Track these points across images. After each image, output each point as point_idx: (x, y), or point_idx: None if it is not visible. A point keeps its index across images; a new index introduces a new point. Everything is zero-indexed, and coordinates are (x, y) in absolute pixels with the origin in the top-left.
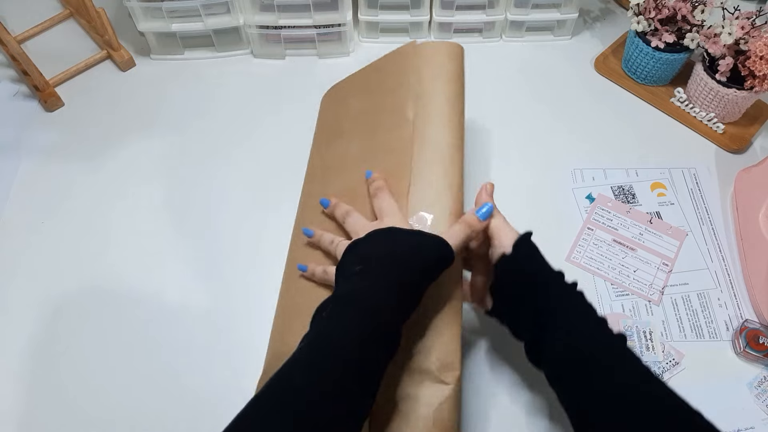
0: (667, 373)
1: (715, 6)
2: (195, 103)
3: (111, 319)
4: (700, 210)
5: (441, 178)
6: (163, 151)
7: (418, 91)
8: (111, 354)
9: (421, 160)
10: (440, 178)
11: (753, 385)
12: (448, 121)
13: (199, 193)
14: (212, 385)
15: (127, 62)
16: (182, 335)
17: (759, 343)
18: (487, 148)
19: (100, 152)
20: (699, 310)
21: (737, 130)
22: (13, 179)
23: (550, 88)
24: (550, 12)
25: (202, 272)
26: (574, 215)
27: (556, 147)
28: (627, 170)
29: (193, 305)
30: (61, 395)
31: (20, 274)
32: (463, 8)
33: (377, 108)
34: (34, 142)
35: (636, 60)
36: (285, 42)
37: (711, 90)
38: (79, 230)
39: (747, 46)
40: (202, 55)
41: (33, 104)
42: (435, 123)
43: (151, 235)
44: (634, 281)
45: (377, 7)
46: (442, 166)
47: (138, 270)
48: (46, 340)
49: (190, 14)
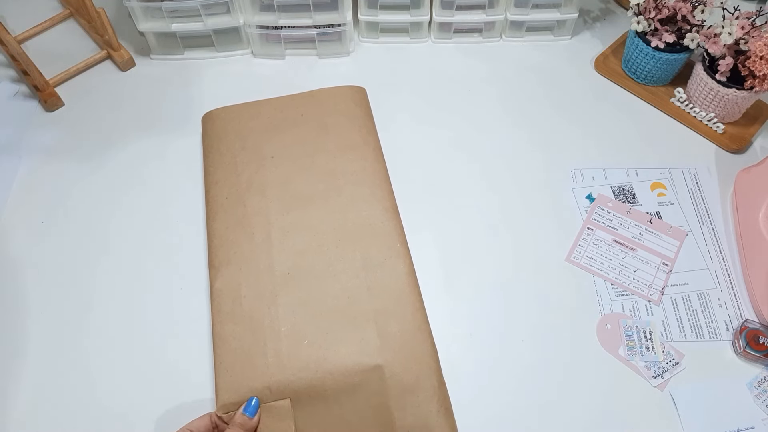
0: (667, 373)
1: (715, 6)
2: (195, 103)
3: (111, 319)
4: (700, 210)
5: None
6: (163, 151)
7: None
8: (111, 353)
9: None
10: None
11: (753, 385)
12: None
13: (201, 192)
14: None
15: (127, 62)
16: (183, 335)
17: (759, 343)
18: (487, 148)
19: (100, 152)
20: (699, 310)
21: (737, 130)
22: (13, 179)
23: (550, 88)
24: (550, 12)
25: (202, 271)
26: (574, 215)
27: (556, 147)
28: (627, 170)
29: (194, 304)
30: (60, 395)
31: (20, 274)
32: (463, 8)
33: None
34: (34, 142)
35: (636, 60)
36: (285, 42)
37: (711, 90)
38: (79, 230)
39: (747, 46)
40: (202, 55)
41: (33, 104)
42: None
43: (151, 234)
44: (634, 281)
45: (377, 7)
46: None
47: (138, 270)
48: (46, 340)
49: (190, 14)
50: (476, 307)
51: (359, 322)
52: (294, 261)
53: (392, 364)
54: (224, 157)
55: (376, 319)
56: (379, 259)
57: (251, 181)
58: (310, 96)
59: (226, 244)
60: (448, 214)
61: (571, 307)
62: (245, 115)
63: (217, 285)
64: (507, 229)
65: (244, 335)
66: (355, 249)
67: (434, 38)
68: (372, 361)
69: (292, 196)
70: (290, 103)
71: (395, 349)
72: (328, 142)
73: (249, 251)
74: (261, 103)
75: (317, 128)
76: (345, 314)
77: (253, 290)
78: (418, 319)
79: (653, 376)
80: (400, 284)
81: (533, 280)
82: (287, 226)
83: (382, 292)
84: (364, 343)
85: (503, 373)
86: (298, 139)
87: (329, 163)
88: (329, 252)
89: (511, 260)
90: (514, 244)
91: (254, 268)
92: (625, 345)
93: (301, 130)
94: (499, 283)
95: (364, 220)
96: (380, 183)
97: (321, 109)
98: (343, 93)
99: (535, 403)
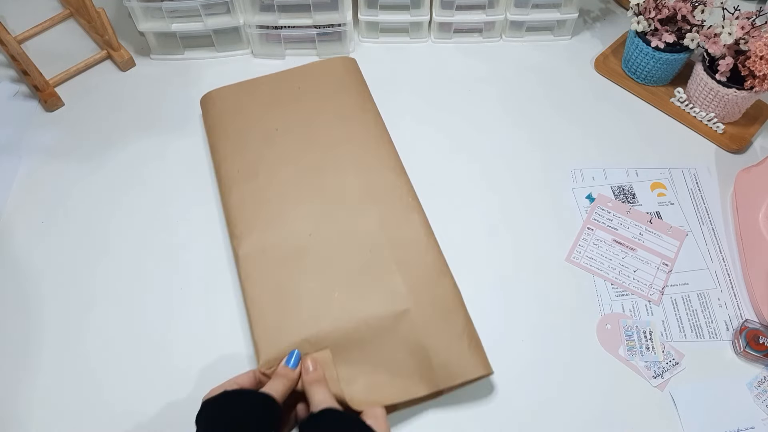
0: (667, 373)
1: (715, 6)
2: (195, 103)
3: (111, 319)
4: (700, 210)
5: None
6: (163, 151)
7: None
8: (112, 353)
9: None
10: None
11: (753, 385)
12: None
13: (201, 193)
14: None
15: (127, 62)
16: (184, 334)
17: (759, 343)
18: (487, 148)
19: (100, 152)
20: (699, 310)
21: (737, 130)
22: (13, 179)
23: (550, 88)
24: (550, 12)
25: (202, 272)
26: (574, 215)
27: (556, 147)
28: (627, 170)
29: (195, 304)
30: (61, 394)
31: (20, 274)
32: (463, 8)
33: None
34: (34, 142)
35: (636, 60)
36: (285, 42)
37: (711, 90)
38: (79, 230)
39: (747, 46)
40: (202, 55)
41: (33, 104)
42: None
43: (151, 234)
44: (634, 281)
45: (377, 7)
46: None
47: (138, 270)
48: (45, 341)
49: (190, 14)
50: (476, 307)
51: (384, 273)
52: (314, 224)
53: (420, 306)
54: (229, 134)
55: (399, 268)
56: (394, 213)
57: (260, 153)
58: (304, 70)
59: (245, 214)
60: (448, 214)
61: (571, 307)
62: (243, 93)
63: (242, 252)
64: (507, 229)
65: (276, 294)
66: (370, 207)
67: (434, 38)
68: (401, 306)
69: (302, 164)
70: (286, 78)
71: (421, 292)
72: (328, 111)
73: (269, 218)
74: (257, 81)
75: (315, 100)
76: (370, 267)
77: (277, 253)
78: (439, 264)
79: (653, 376)
80: (417, 234)
81: (533, 280)
82: (301, 194)
83: (401, 244)
84: (391, 291)
85: (503, 372)
86: (299, 111)
87: (332, 133)
88: (346, 213)
89: (511, 260)
90: (514, 244)
91: (276, 233)
92: (625, 345)
93: (300, 102)
94: (499, 282)
95: (373, 181)
96: (383, 146)
97: (316, 81)
98: (335, 64)
99: (535, 403)
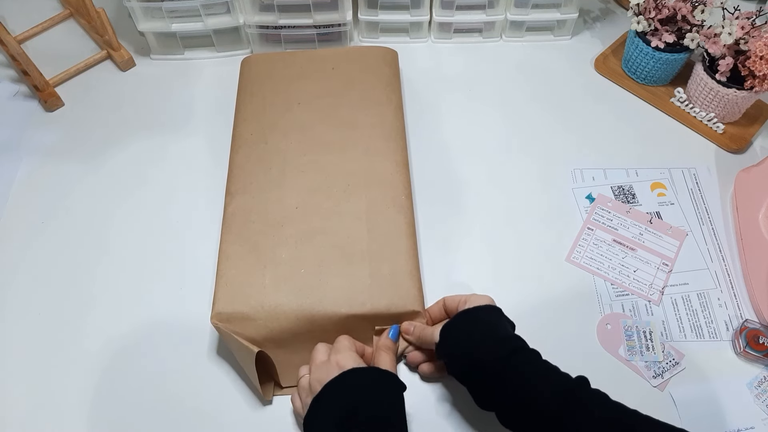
0: (667, 373)
1: (715, 6)
2: (195, 103)
3: (111, 320)
4: (700, 210)
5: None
6: (164, 151)
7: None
8: (112, 353)
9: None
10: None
11: (753, 385)
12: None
13: (201, 193)
14: (216, 382)
15: (127, 62)
16: (184, 333)
17: (759, 343)
18: (487, 148)
19: (100, 152)
20: (699, 310)
21: (737, 130)
22: (13, 179)
23: (550, 88)
24: (550, 12)
25: (203, 271)
26: (574, 215)
27: (556, 147)
28: (627, 170)
29: (195, 304)
30: (60, 395)
31: (20, 274)
32: (463, 8)
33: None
34: (34, 142)
35: (636, 60)
36: (285, 42)
37: (711, 90)
38: (79, 230)
39: (747, 46)
40: (202, 55)
41: (33, 104)
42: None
43: (151, 234)
44: (634, 281)
45: (377, 7)
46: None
47: (138, 270)
48: (45, 341)
49: (190, 14)
50: None
51: (354, 261)
52: (303, 197)
53: (378, 302)
54: (255, 98)
55: (371, 259)
56: (383, 206)
57: (276, 122)
58: (345, 52)
59: (244, 174)
60: (448, 213)
61: (571, 307)
62: (280, 63)
63: (230, 209)
64: (507, 228)
65: (248, 256)
66: (362, 195)
67: (434, 38)
68: (359, 298)
69: (312, 140)
70: (324, 56)
71: (383, 288)
72: (353, 95)
73: (264, 183)
74: (297, 54)
75: (345, 81)
76: (343, 251)
77: (261, 217)
78: (410, 265)
79: (653, 376)
80: (398, 232)
81: (533, 280)
82: (302, 166)
83: (379, 236)
84: (354, 280)
85: None
86: (326, 89)
87: (351, 115)
88: (338, 194)
89: (512, 260)
90: (514, 244)
91: (266, 198)
92: (625, 345)
93: (330, 81)
94: (499, 283)
95: (375, 170)
96: (396, 138)
97: (352, 65)
98: (375, 53)
99: None
